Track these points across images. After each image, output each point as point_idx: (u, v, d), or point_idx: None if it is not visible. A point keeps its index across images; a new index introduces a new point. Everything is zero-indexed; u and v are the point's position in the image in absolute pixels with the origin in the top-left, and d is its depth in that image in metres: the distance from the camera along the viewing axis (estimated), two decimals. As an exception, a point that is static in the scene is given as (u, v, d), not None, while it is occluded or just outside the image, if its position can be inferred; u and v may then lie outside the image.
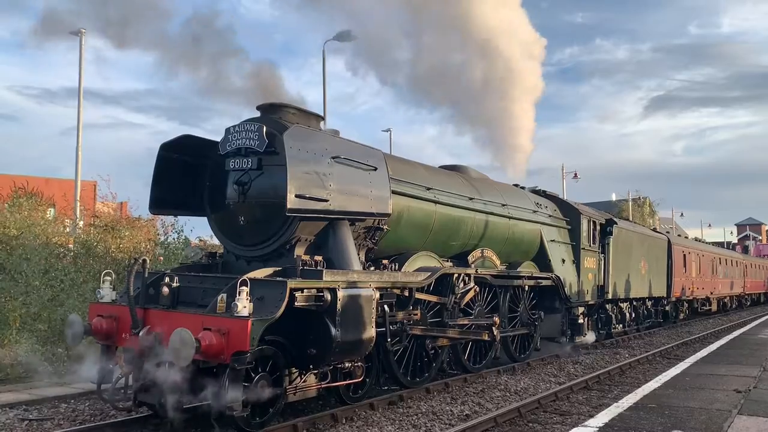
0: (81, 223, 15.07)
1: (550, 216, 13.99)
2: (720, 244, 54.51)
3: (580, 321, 14.81)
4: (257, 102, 8.19)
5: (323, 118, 8.70)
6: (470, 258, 10.92)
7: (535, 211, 13.23)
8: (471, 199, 10.95)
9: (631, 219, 33.14)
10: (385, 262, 8.87)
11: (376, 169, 8.32)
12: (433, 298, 9.47)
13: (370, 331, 7.39)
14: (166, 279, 7.09)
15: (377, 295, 7.65)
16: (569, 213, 14.96)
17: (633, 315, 19.10)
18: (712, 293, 28.91)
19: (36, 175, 23.03)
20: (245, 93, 8.40)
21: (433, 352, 9.64)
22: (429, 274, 9.12)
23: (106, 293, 7.58)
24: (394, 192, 8.62)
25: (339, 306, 6.91)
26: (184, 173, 8.22)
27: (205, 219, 8.41)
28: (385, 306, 8.05)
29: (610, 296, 16.41)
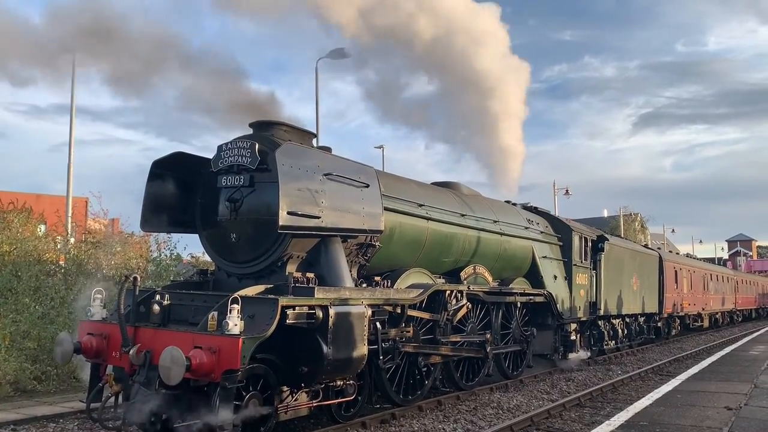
0: (72, 240, 14.98)
1: (541, 232, 14.03)
2: (711, 260, 54.78)
3: (573, 337, 14.81)
4: (248, 119, 8.22)
5: (315, 135, 8.74)
6: (462, 274, 10.93)
7: (526, 228, 13.28)
8: (463, 215, 10.98)
9: (623, 235, 33.28)
10: (377, 278, 8.86)
11: (368, 185, 8.34)
12: (425, 315, 9.45)
13: (362, 349, 7.37)
14: (157, 297, 7.06)
15: (369, 312, 7.64)
16: (561, 229, 15.02)
17: (625, 331, 19.12)
18: (703, 309, 29.00)
19: (26, 191, 22.88)
20: (236, 111, 8.43)
21: (425, 369, 9.60)
22: (421, 290, 9.12)
23: (97, 311, 7.53)
24: (386, 209, 8.64)
25: (331, 323, 6.89)
26: (176, 190, 8.22)
27: (196, 236, 8.40)
28: (377, 323, 8.04)
29: (602, 312, 16.43)
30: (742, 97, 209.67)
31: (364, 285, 8.53)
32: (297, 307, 6.68)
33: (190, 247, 15.51)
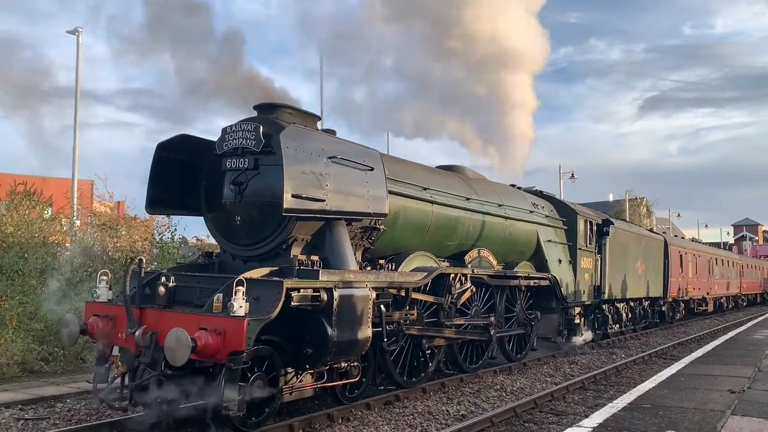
0: (78, 222, 15.05)
1: (546, 216, 14.01)
2: (717, 245, 54.60)
3: (577, 321, 14.85)
4: (252, 102, 8.19)
5: (320, 118, 8.70)
6: (467, 258, 10.94)
7: (531, 212, 13.25)
8: (468, 199, 10.96)
9: (628, 219, 33.20)
10: (381, 262, 8.88)
11: (372, 169, 8.33)
12: (429, 298, 9.48)
13: (367, 331, 7.40)
14: (163, 278, 7.10)
15: (374, 295, 7.66)
16: (566, 213, 14.99)
17: (629, 315, 19.14)
18: (708, 294, 28.97)
19: (32, 174, 22.93)
20: (239, 93, 8.39)
21: (429, 352, 9.65)
22: (425, 274, 9.14)
23: (103, 292, 7.58)
24: (390, 192, 8.63)
25: (335, 306, 6.91)
26: (181, 173, 8.21)
27: (201, 218, 8.42)
28: (382, 306, 8.06)
29: (606, 296, 16.44)
30: (749, 80, 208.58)
31: (369, 268, 8.55)
32: (302, 290, 6.70)
33: (190, 230, 15.54)
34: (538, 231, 13.32)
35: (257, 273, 7.16)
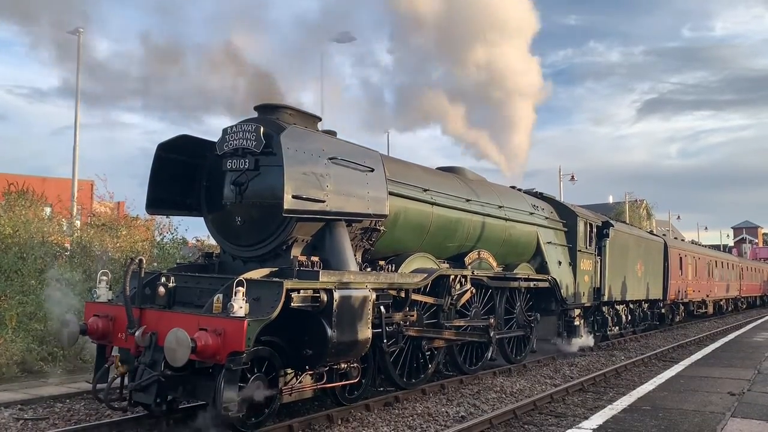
0: (78, 223, 15.04)
1: (546, 218, 14.01)
2: (716, 247, 54.60)
3: (576, 323, 14.84)
4: (253, 103, 8.19)
5: (320, 119, 8.70)
6: (467, 259, 10.94)
7: (531, 213, 13.25)
8: (468, 200, 10.96)
9: (628, 222, 33.20)
10: (381, 263, 8.88)
11: (373, 170, 8.32)
12: (429, 300, 9.47)
13: (366, 332, 7.39)
14: (163, 279, 7.09)
15: (373, 296, 7.66)
16: (566, 215, 14.99)
17: (629, 317, 19.14)
18: (708, 296, 28.96)
19: (32, 174, 22.93)
20: (240, 94, 8.39)
21: (429, 353, 9.65)
22: (425, 275, 9.13)
23: (103, 293, 7.58)
24: (391, 193, 8.63)
25: (335, 307, 6.91)
26: (181, 173, 8.21)
27: (201, 219, 8.41)
28: (382, 307, 8.06)
29: (606, 298, 16.44)
30: (748, 83, 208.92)
31: (369, 269, 8.55)
32: (302, 290, 6.70)
33: (190, 230, 15.54)
34: (538, 233, 13.32)
35: (257, 274, 7.15)
